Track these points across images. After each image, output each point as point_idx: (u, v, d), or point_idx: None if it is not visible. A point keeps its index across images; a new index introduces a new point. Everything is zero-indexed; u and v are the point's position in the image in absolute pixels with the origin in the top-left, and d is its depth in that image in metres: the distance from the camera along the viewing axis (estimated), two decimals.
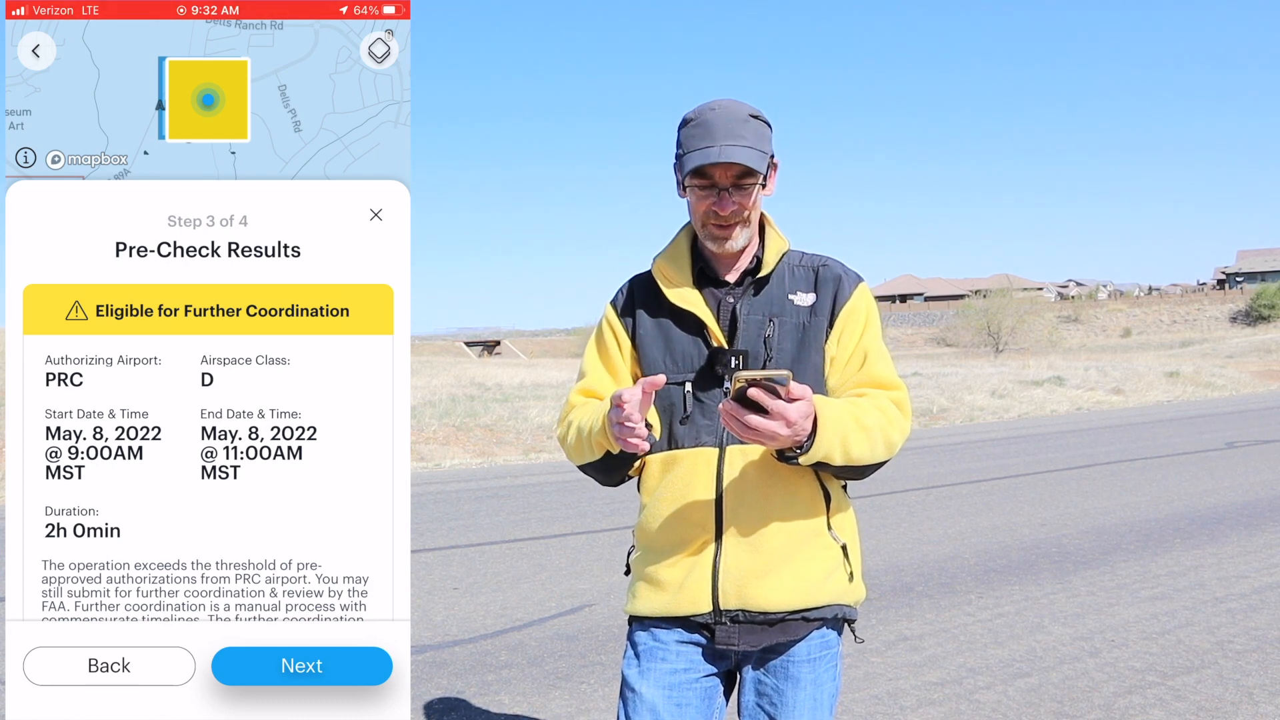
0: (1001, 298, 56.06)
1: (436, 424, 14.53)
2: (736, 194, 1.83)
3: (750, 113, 1.87)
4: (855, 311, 1.90)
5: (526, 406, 16.50)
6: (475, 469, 12.20)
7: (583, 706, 3.89)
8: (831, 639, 1.93)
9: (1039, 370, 26.22)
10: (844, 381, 1.89)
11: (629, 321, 1.97)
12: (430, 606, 5.42)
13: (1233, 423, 15.63)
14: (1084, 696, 3.91)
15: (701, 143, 1.82)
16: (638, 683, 1.89)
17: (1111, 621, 4.93)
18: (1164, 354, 41.14)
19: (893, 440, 1.82)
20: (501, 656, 4.54)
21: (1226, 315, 72.72)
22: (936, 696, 3.94)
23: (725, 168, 1.82)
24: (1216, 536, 6.89)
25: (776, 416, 1.62)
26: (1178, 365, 28.88)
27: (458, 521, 8.14)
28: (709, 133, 1.82)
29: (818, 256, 1.97)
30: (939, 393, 19.97)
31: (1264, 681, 4.04)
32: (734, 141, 1.80)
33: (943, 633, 4.78)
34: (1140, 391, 22.62)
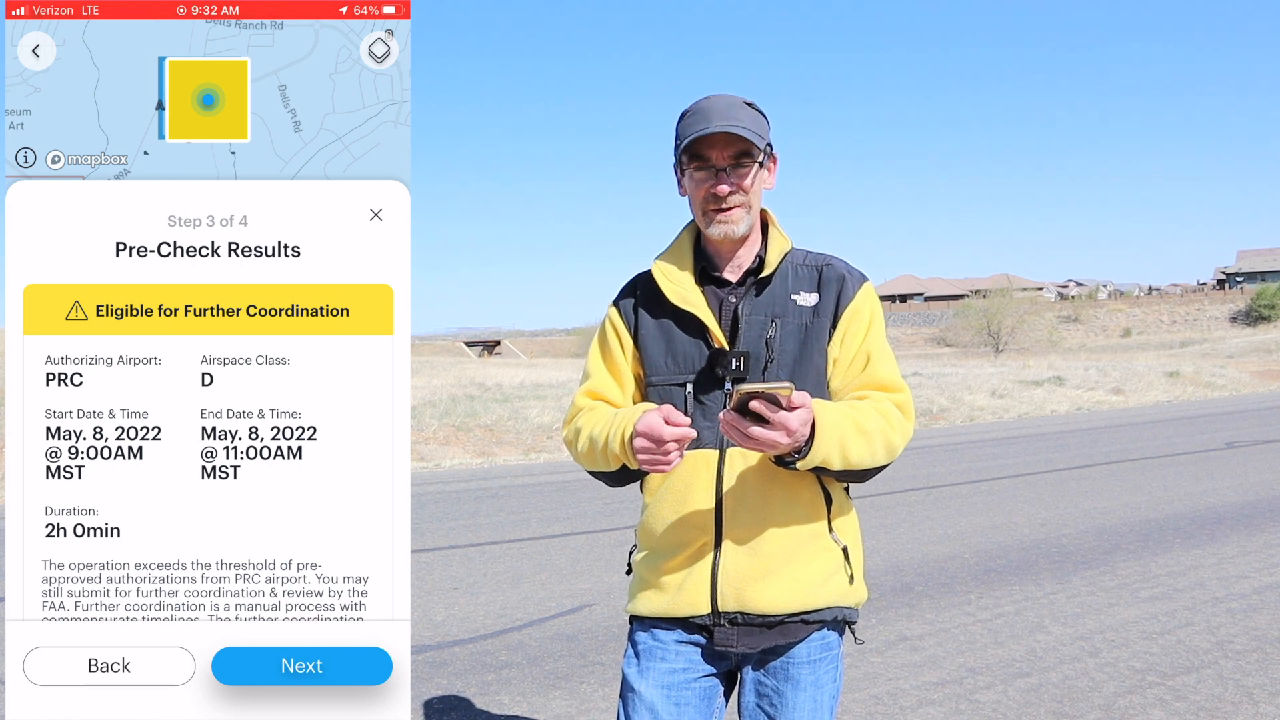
0: (1001, 298, 56.07)
1: (436, 424, 14.53)
2: (734, 174, 1.83)
3: (746, 101, 1.88)
4: (859, 312, 1.89)
5: (526, 406, 16.50)
6: (475, 469, 12.20)
7: (583, 706, 3.89)
8: (832, 640, 1.92)
9: (1039, 370, 26.22)
10: (846, 383, 1.88)
11: (631, 322, 1.96)
12: (430, 606, 5.42)
13: (1232, 423, 15.62)
14: (1084, 696, 3.91)
15: (697, 125, 1.83)
16: (637, 682, 1.89)
17: (1111, 621, 4.93)
18: (1164, 354, 41.13)
19: (893, 444, 1.81)
20: (501, 656, 4.54)
21: (1226, 315, 72.71)
22: (936, 696, 3.94)
23: (722, 146, 1.82)
24: (1216, 536, 6.89)
25: (777, 426, 1.62)
26: (1178, 365, 28.87)
27: (458, 521, 8.14)
28: (704, 116, 1.83)
29: (822, 256, 1.96)
30: (939, 393, 19.96)
31: (1264, 681, 4.04)
32: (729, 121, 1.81)
33: (943, 633, 4.78)
34: (1140, 391, 22.62)
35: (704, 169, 1.84)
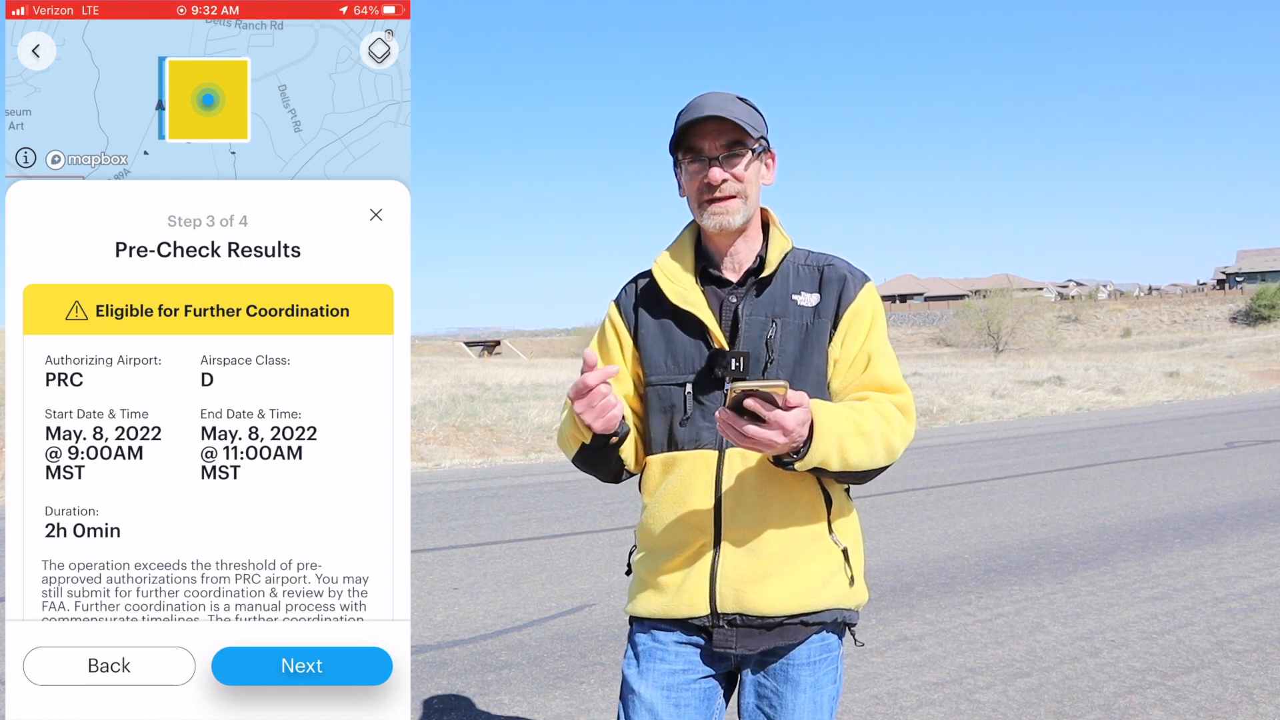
0: (1001, 298, 56.06)
1: (436, 424, 14.52)
2: (727, 162, 1.83)
3: (740, 97, 1.88)
4: (860, 313, 1.88)
5: (526, 406, 16.49)
6: (475, 469, 12.20)
7: (583, 706, 3.89)
8: (832, 642, 1.92)
9: (1039, 370, 26.22)
10: (847, 384, 1.88)
11: (631, 321, 1.96)
12: (430, 606, 5.42)
13: (1233, 423, 15.62)
14: (1084, 696, 3.91)
15: (689, 116, 1.84)
16: (637, 683, 1.89)
17: (1111, 621, 4.93)
18: (1164, 354, 41.12)
19: (893, 445, 1.81)
20: (501, 656, 4.54)
21: (1226, 315, 72.69)
22: (936, 696, 3.94)
23: (714, 135, 1.82)
24: (1216, 536, 6.89)
25: (773, 425, 1.62)
26: (1177, 365, 28.86)
27: (458, 521, 8.14)
28: (696, 108, 1.84)
29: (823, 256, 1.95)
30: (939, 393, 19.96)
31: (1264, 681, 4.04)
32: (720, 109, 1.81)
33: (943, 633, 4.78)
34: (1140, 391, 22.61)
35: (697, 160, 1.85)
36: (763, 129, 1.89)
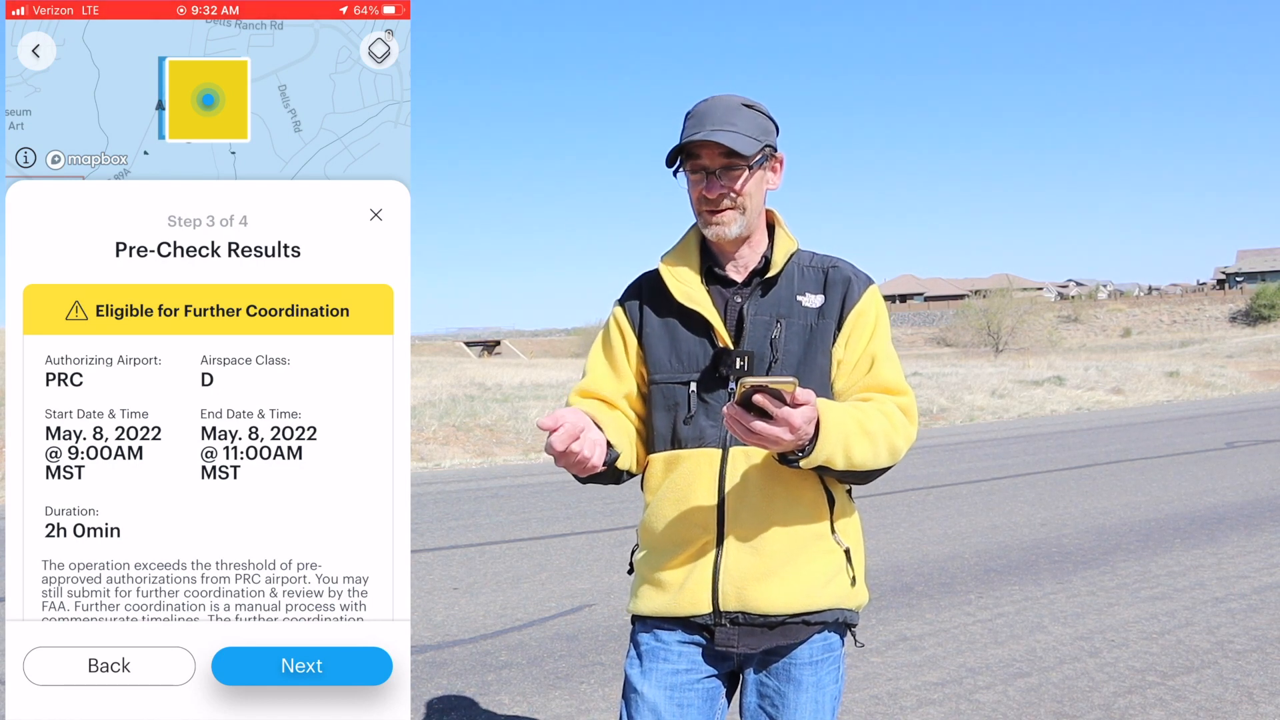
0: (1001, 298, 56.11)
1: (436, 424, 14.53)
2: (724, 177, 1.84)
3: (745, 102, 1.88)
4: (864, 314, 1.89)
5: (526, 406, 16.50)
6: (475, 469, 12.20)
7: (583, 706, 3.89)
8: (834, 642, 1.92)
9: (1039, 370, 26.23)
10: (851, 385, 1.88)
11: (635, 320, 1.96)
12: (430, 606, 5.42)
13: (1233, 423, 15.63)
14: (1084, 696, 3.91)
15: (691, 128, 1.85)
16: (640, 683, 1.89)
17: (1111, 621, 4.93)
18: (1164, 354, 41.14)
19: (897, 446, 1.81)
20: (501, 656, 4.54)
21: (1226, 315, 72.74)
22: (936, 696, 3.94)
23: (710, 150, 1.83)
24: (1216, 536, 6.89)
25: (781, 422, 1.62)
26: (1177, 365, 28.88)
27: (458, 521, 8.14)
28: (699, 121, 1.85)
29: (828, 257, 1.96)
30: (939, 393, 19.97)
31: (1264, 681, 4.04)
32: (722, 126, 1.82)
33: (943, 633, 4.78)
34: (1140, 391, 22.62)
35: (698, 170, 1.86)
36: (767, 136, 1.89)
